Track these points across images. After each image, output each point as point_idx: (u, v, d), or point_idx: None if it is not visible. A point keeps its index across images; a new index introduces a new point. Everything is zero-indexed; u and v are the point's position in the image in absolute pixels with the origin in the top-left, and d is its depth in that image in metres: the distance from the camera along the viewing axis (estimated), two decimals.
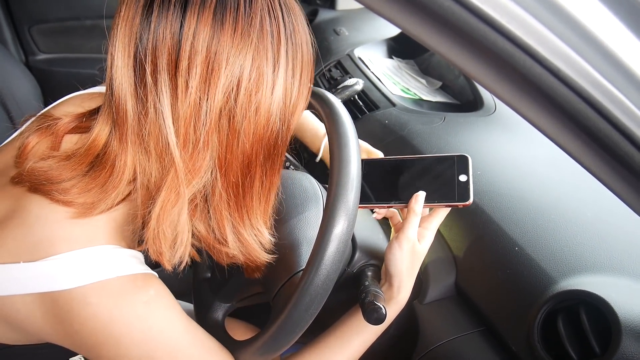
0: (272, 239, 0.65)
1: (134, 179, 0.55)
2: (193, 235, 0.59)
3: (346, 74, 1.26)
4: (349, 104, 1.16)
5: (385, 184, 0.77)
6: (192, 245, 0.60)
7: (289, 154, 1.03)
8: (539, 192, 0.87)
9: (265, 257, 0.64)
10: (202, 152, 0.53)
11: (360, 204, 0.73)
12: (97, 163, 0.55)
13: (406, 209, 0.72)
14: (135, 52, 0.50)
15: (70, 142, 0.60)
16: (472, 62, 0.38)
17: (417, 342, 0.82)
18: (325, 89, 1.10)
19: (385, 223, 0.88)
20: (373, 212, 0.81)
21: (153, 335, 0.57)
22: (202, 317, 0.81)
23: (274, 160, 0.59)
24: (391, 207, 0.75)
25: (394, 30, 1.45)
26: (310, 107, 0.68)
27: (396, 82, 1.26)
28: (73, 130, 0.60)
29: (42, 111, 0.67)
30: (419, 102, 1.20)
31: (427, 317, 0.83)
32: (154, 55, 0.50)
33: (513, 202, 0.85)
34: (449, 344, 0.78)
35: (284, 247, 0.75)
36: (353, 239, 0.80)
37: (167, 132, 0.51)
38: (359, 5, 1.68)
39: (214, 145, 0.53)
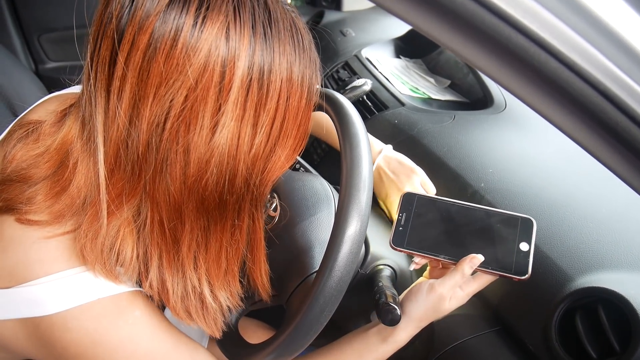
0: (219, 311, 0.59)
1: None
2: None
3: (354, 74, 1.26)
4: (357, 104, 1.16)
5: (436, 231, 0.70)
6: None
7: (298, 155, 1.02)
8: (552, 189, 0.86)
9: (181, 316, 0.57)
10: (130, 180, 0.49)
11: (404, 247, 0.70)
12: (67, 162, 0.52)
13: (453, 265, 0.66)
14: (91, 57, 0.48)
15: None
16: (485, 58, 0.38)
17: (433, 342, 0.81)
18: (334, 90, 1.10)
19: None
20: (412, 259, 0.74)
21: (137, 357, 0.55)
22: None
23: (217, 220, 0.52)
24: (438, 260, 0.68)
25: (401, 30, 1.44)
26: (318, 108, 0.68)
27: (404, 81, 1.25)
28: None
29: (18, 118, 0.64)
30: (428, 101, 1.19)
31: (442, 317, 0.82)
32: (95, 70, 0.47)
33: (526, 200, 0.84)
34: (464, 343, 0.77)
35: (296, 249, 0.74)
36: (365, 241, 0.80)
37: (98, 150, 0.48)
38: (364, 6, 1.67)
39: (145, 177, 0.49)
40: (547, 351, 0.69)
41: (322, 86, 0.56)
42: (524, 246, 0.65)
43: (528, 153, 0.96)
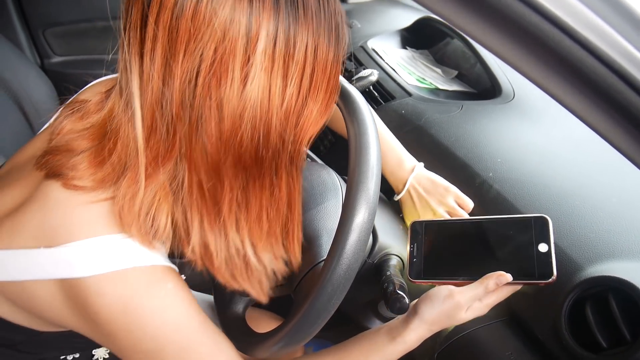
0: (264, 273, 0.59)
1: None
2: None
3: (360, 65, 1.25)
4: (364, 95, 1.15)
5: (451, 254, 0.69)
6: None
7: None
8: (561, 178, 0.85)
9: (226, 279, 0.58)
10: (166, 140, 0.50)
11: (422, 279, 0.69)
12: (109, 133, 0.54)
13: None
14: (124, 25, 0.49)
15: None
16: (498, 39, 0.37)
17: (440, 332, 0.80)
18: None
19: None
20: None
21: (166, 331, 0.56)
22: (223, 310, 0.81)
23: (255, 177, 0.52)
24: (457, 283, 0.66)
25: (407, 21, 1.43)
26: None
27: (411, 72, 1.24)
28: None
29: (71, 98, 0.66)
30: (435, 91, 1.18)
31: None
32: (129, 36, 0.48)
33: (536, 190, 0.83)
34: (472, 333, 0.76)
35: (304, 238, 0.74)
36: (373, 230, 0.79)
37: (135, 115, 0.50)
38: None
39: (180, 137, 0.50)
40: (557, 341, 0.68)
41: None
42: (542, 247, 0.62)
43: (537, 142, 0.95)
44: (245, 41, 0.45)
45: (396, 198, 0.86)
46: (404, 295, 0.65)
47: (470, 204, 0.82)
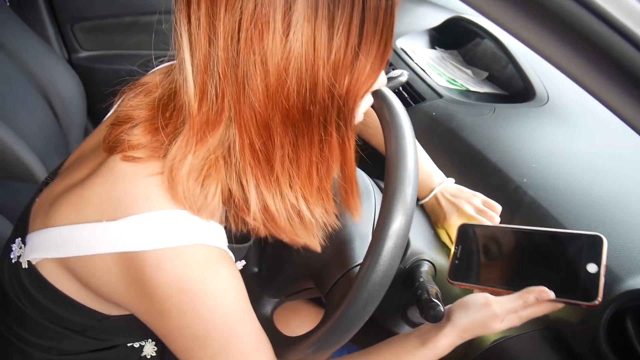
0: (321, 220, 0.59)
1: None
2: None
3: (389, 65, 1.24)
4: None
5: (495, 261, 0.67)
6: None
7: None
8: (599, 185, 0.83)
9: (291, 237, 0.58)
10: (215, 104, 0.49)
11: (462, 282, 0.68)
12: (166, 102, 0.54)
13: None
14: None
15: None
16: (564, 53, 0.36)
17: (473, 340, 0.79)
18: None
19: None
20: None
21: (216, 316, 0.56)
22: None
23: (304, 133, 0.51)
24: (496, 292, 0.65)
25: (436, 20, 1.41)
26: None
27: (441, 73, 1.22)
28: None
29: (133, 83, 0.66)
30: (466, 93, 1.17)
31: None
32: (177, 2, 0.48)
33: (572, 197, 0.81)
34: (506, 342, 0.75)
35: (336, 242, 0.73)
36: None
37: (187, 80, 0.49)
38: None
39: (229, 99, 0.49)
40: (595, 353, 0.67)
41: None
42: (592, 267, 0.59)
43: (573, 148, 0.93)
44: None
45: (420, 202, 0.86)
46: (439, 303, 0.64)
47: (498, 207, 0.81)
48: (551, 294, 0.60)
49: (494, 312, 0.63)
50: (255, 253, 0.87)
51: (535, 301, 0.61)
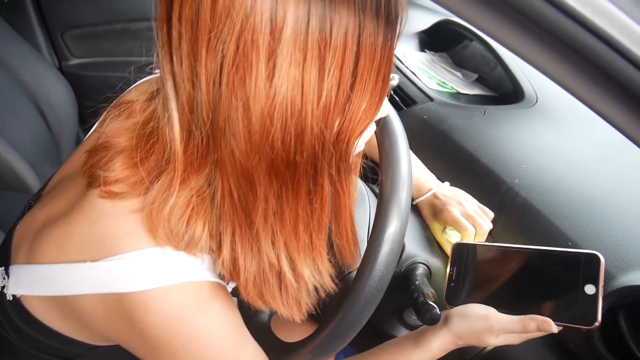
0: (305, 291, 0.56)
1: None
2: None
3: None
4: None
5: (492, 282, 0.67)
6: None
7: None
8: (590, 184, 0.85)
9: (251, 297, 0.54)
10: (200, 146, 0.46)
11: (459, 303, 0.67)
12: (149, 133, 0.51)
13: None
14: (155, 26, 0.46)
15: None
16: (547, 58, 0.37)
17: None
18: None
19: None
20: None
21: (209, 351, 0.55)
22: (247, 318, 0.81)
23: (289, 185, 0.47)
24: None
25: (425, 24, 1.42)
26: None
27: (431, 76, 1.24)
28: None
29: (117, 99, 0.64)
30: (457, 95, 1.18)
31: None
32: (159, 38, 0.45)
33: (563, 197, 0.83)
34: None
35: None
36: None
37: (172, 117, 0.47)
38: None
39: (212, 142, 0.46)
40: (590, 350, 0.68)
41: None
42: (589, 289, 0.57)
43: (562, 148, 0.95)
44: (269, 30, 0.40)
45: (414, 202, 0.87)
46: (435, 306, 0.65)
47: (490, 213, 0.81)
48: (554, 327, 0.59)
49: (491, 326, 0.63)
50: None
51: (535, 329, 0.60)
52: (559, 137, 0.98)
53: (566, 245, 0.75)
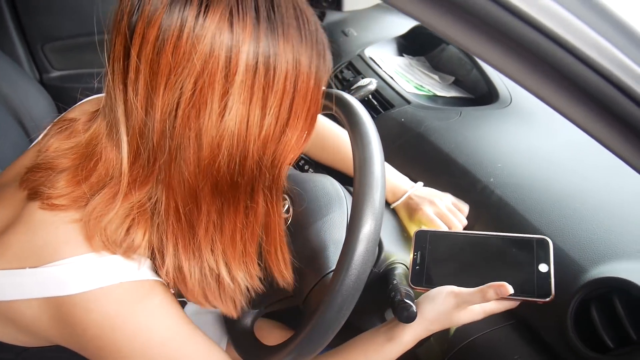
0: (239, 291, 0.61)
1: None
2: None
3: (358, 74, 1.26)
4: (363, 104, 1.16)
5: (453, 264, 0.71)
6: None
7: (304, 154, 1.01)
8: (562, 181, 0.87)
9: (197, 299, 0.59)
10: (146, 167, 0.52)
11: (424, 285, 0.71)
12: (91, 153, 0.55)
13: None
14: (109, 55, 0.50)
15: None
16: (500, 56, 0.38)
17: (447, 339, 0.81)
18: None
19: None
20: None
21: (153, 345, 0.57)
22: (231, 324, 0.82)
23: (230, 201, 0.54)
24: None
25: (403, 28, 1.45)
26: (325, 108, 0.68)
27: (409, 79, 1.26)
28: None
29: (60, 116, 0.68)
30: (434, 98, 1.20)
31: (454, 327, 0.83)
32: (113, 66, 0.50)
33: (536, 193, 0.85)
34: (479, 339, 0.77)
35: (310, 250, 0.75)
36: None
37: (121, 140, 0.51)
38: (365, 5, 1.67)
39: (159, 165, 0.51)
40: (564, 343, 0.69)
41: (328, 82, 0.56)
42: (543, 267, 0.65)
43: (535, 146, 0.97)
44: (224, 75, 0.46)
45: (392, 206, 0.88)
46: (411, 304, 0.66)
47: (465, 207, 0.85)
48: (510, 289, 0.63)
49: (457, 302, 0.66)
50: None
51: (494, 296, 0.64)
52: (533, 136, 1.00)
53: None
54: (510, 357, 0.73)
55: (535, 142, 0.98)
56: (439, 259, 0.72)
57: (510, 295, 0.64)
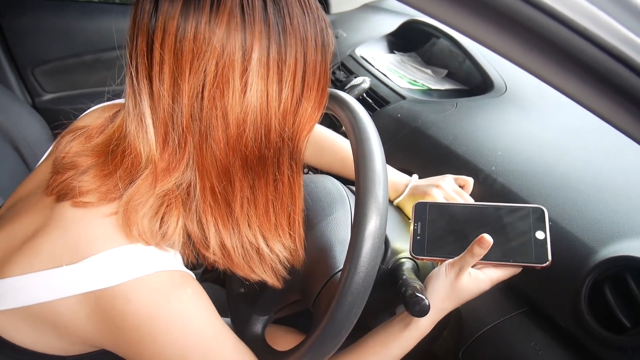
0: (278, 261, 0.64)
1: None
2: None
3: (351, 74, 1.26)
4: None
5: (452, 234, 0.72)
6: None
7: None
8: (563, 165, 0.86)
9: (246, 273, 0.63)
10: (178, 152, 0.55)
11: (425, 255, 0.71)
12: (115, 149, 0.57)
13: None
14: (130, 53, 0.54)
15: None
16: (496, 35, 0.38)
17: (461, 331, 0.80)
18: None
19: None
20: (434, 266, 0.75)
21: (188, 334, 0.58)
22: (241, 332, 0.81)
23: (260, 174, 0.58)
24: None
25: (392, 26, 1.45)
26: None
27: (402, 75, 1.25)
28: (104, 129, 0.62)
29: (70, 126, 0.69)
30: (428, 92, 1.20)
31: (468, 304, 0.81)
32: (136, 63, 0.53)
33: (539, 178, 0.84)
34: (494, 327, 0.77)
35: (317, 251, 0.74)
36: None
37: (149, 131, 0.54)
38: (352, 6, 1.68)
39: (190, 147, 0.55)
40: (580, 326, 0.69)
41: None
42: (540, 234, 0.67)
43: (533, 132, 0.96)
44: (241, 53, 0.51)
45: (395, 202, 0.88)
46: (423, 297, 0.65)
47: (471, 180, 0.85)
48: (489, 238, 0.63)
49: (456, 271, 0.66)
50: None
51: (480, 250, 0.63)
52: (530, 123, 1.00)
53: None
54: (527, 345, 0.73)
55: (533, 128, 0.98)
56: (439, 229, 0.73)
57: (509, 261, 0.66)
